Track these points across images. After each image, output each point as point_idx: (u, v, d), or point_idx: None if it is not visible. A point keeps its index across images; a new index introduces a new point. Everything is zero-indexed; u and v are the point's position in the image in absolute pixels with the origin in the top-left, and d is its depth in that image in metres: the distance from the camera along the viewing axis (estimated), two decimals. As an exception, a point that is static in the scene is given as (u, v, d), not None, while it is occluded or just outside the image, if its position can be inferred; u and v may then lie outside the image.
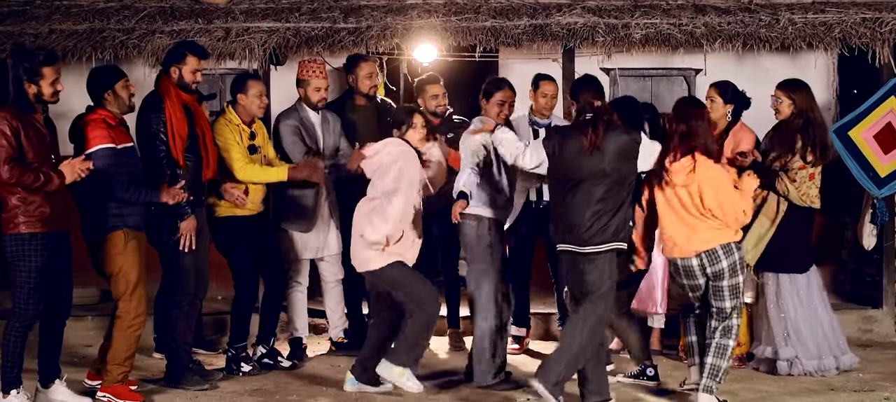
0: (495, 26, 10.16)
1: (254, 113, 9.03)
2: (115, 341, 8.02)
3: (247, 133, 8.97)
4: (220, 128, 8.89)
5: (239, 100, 8.97)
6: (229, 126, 8.90)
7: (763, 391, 8.33)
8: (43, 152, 7.54)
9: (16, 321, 7.61)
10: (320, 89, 9.38)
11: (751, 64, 11.19)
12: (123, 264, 7.94)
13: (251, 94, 8.95)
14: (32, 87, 7.50)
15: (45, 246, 7.51)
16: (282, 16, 10.36)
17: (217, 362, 9.33)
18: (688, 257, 7.72)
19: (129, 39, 10.04)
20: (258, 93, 8.98)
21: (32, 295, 7.55)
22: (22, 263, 7.50)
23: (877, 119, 9.75)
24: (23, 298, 7.55)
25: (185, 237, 8.25)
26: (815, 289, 8.98)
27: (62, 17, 10.42)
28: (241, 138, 8.92)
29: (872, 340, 10.15)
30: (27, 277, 7.50)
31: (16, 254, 7.51)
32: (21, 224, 7.45)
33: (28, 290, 7.53)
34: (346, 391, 8.33)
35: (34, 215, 7.46)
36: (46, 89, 7.54)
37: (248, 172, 8.89)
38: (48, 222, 7.52)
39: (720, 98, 9.08)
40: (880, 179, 9.71)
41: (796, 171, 8.75)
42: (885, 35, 9.93)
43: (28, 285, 7.52)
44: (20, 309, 7.58)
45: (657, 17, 10.22)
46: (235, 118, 8.94)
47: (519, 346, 9.81)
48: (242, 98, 8.96)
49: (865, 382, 8.59)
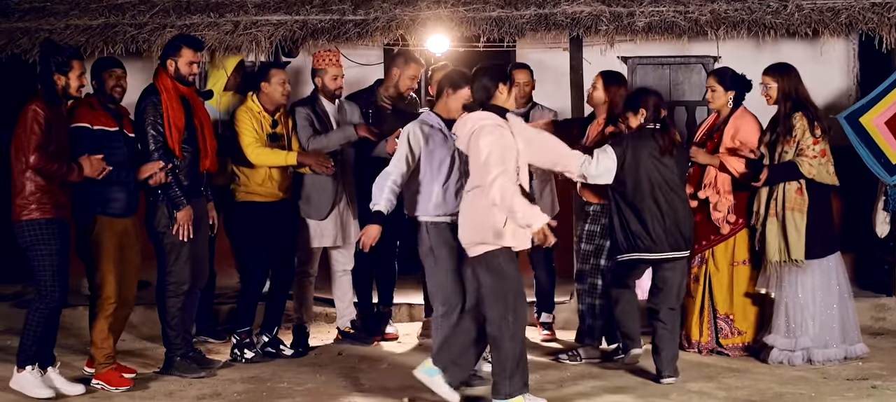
0: (502, 16, 10.18)
1: (277, 101, 9.20)
2: (93, 326, 8.34)
3: (268, 121, 9.16)
4: (240, 114, 9.15)
5: (262, 88, 9.16)
6: (249, 113, 9.12)
7: (752, 380, 8.28)
8: (66, 145, 7.88)
9: (41, 304, 7.90)
10: (337, 78, 9.51)
11: (769, 51, 11.08)
12: (97, 249, 8.23)
13: (274, 82, 9.14)
14: (62, 78, 7.87)
15: (61, 231, 7.83)
16: (293, 8, 10.47)
17: (225, 350, 9.45)
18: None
19: (139, 34, 10.23)
20: (281, 81, 9.17)
21: (57, 277, 7.85)
22: (42, 247, 7.79)
23: (888, 105, 9.68)
24: (48, 281, 7.84)
25: (182, 227, 8.41)
26: (840, 275, 8.90)
27: (80, 13, 10.65)
28: (262, 126, 9.12)
29: (885, 328, 10.04)
30: (49, 260, 7.81)
31: (34, 238, 7.80)
32: (35, 211, 7.75)
33: (52, 272, 7.82)
34: (338, 380, 8.42)
35: (49, 203, 7.78)
36: (74, 82, 7.93)
37: (258, 154, 9.07)
38: (61, 210, 7.86)
39: (720, 86, 9.06)
40: (892, 165, 9.63)
41: (812, 147, 8.67)
42: (892, 20, 9.76)
43: (51, 268, 7.82)
44: (46, 292, 7.86)
45: (664, 5, 10.16)
46: (257, 106, 9.14)
47: (549, 332, 9.93)
48: (266, 86, 9.14)
49: (862, 370, 8.50)
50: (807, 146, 8.65)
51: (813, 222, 8.74)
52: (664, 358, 8.26)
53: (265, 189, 9.15)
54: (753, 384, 8.15)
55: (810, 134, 8.65)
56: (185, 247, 8.50)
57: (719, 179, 8.95)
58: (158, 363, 8.93)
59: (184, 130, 8.45)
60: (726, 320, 9.08)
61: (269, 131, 9.14)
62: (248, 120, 9.09)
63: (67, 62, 7.91)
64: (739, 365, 8.75)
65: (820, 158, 8.69)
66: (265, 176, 9.14)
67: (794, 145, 8.67)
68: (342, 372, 8.71)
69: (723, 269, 9.06)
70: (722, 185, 8.95)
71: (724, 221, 8.95)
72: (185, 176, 8.49)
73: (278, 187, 9.21)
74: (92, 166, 7.93)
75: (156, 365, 8.90)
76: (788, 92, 8.76)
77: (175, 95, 8.45)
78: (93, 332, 8.37)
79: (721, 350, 9.09)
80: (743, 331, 9.07)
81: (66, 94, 7.96)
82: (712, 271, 9.08)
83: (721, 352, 9.08)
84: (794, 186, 8.71)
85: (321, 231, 9.55)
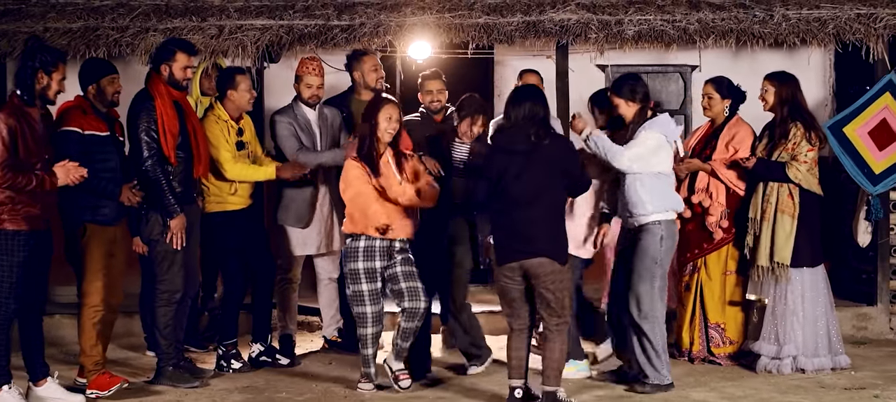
0: (489, 23, 10.14)
1: (243, 108, 9.06)
2: (80, 333, 8.20)
3: (235, 129, 8.99)
4: (210, 125, 8.89)
5: (229, 95, 8.98)
6: (219, 123, 8.92)
7: (752, 389, 8.31)
8: (38, 151, 7.60)
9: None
10: (311, 86, 9.37)
11: (747, 60, 11.18)
12: (85, 256, 8.08)
13: (241, 89, 8.97)
14: (45, 78, 7.60)
15: (27, 243, 7.56)
16: (276, 13, 10.35)
17: (209, 359, 9.32)
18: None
19: (122, 38, 10.05)
20: (247, 87, 9.01)
21: (13, 291, 7.59)
22: (3, 258, 7.54)
23: (871, 115, 9.73)
24: (4, 294, 7.59)
25: (176, 236, 8.26)
26: (824, 285, 8.97)
27: (57, 15, 10.43)
28: (230, 135, 8.93)
29: (867, 337, 10.15)
30: (8, 273, 7.55)
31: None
32: (6, 222, 7.49)
33: (9, 286, 7.58)
34: (336, 389, 8.32)
35: (20, 214, 7.51)
36: (54, 85, 7.66)
37: (237, 170, 8.90)
38: (33, 221, 7.57)
39: (717, 94, 9.12)
40: (875, 175, 9.68)
41: (805, 154, 8.74)
42: (879, 31, 9.87)
43: (9, 281, 7.56)
44: (1, 304, 7.61)
45: (651, 14, 10.19)
46: (224, 114, 8.96)
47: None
48: (232, 94, 8.97)
49: (856, 379, 8.57)
50: (801, 153, 8.72)
51: (803, 230, 8.80)
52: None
53: (237, 197, 9.01)
54: (755, 393, 8.18)
55: (806, 142, 8.73)
56: (178, 255, 8.35)
57: (713, 185, 8.99)
58: (144, 371, 8.81)
59: (178, 135, 8.29)
60: (718, 329, 9.10)
61: (236, 140, 8.99)
62: (220, 132, 8.90)
63: (54, 63, 7.63)
64: (733, 374, 8.78)
65: (810, 166, 8.76)
66: (237, 185, 8.99)
67: (789, 151, 8.73)
68: (338, 381, 8.61)
69: (715, 278, 9.08)
70: (715, 191, 8.98)
71: (716, 226, 8.98)
72: (179, 182, 8.33)
73: (248, 194, 9.10)
74: (67, 173, 7.61)
75: (142, 375, 8.77)
76: (786, 99, 8.84)
77: (169, 101, 8.29)
78: (81, 340, 8.20)
79: (712, 359, 9.11)
80: (734, 340, 9.10)
81: (43, 97, 7.67)
82: (705, 280, 9.10)
83: (712, 361, 9.10)
84: (786, 191, 8.77)
85: (304, 239, 9.44)
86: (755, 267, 8.87)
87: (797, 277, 8.82)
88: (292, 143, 9.26)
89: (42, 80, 7.59)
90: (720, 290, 9.09)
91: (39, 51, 7.68)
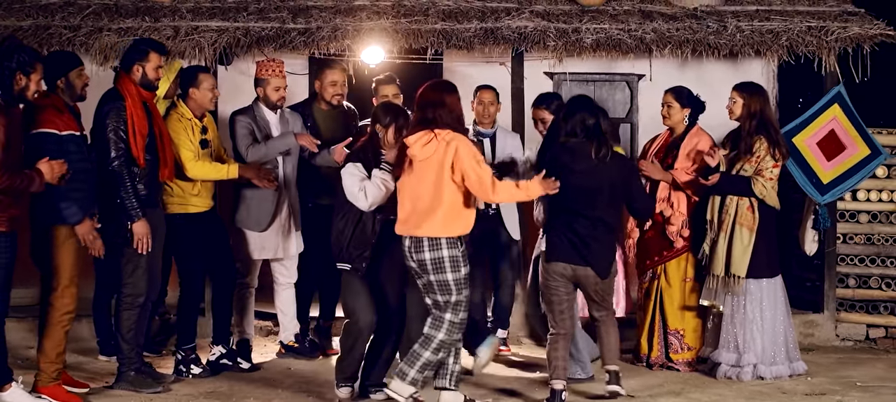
0: (446, 29, 10.14)
1: (206, 106, 8.96)
2: (46, 337, 7.93)
3: (198, 127, 8.89)
4: (173, 123, 8.78)
5: (191, 94, 8.87)
6: (182, 121, 8.81)
7: (717, 395, 8.40)
8: (22, 150, 7.47)
9: None
10: (280, 89, 9.32)
11: (694, 70, 11.31)
12: (60, 259, 7.85)
13: (203, 87, 8.86)
14: (24, 79, 7.38)
15: (12, 245, 7.40)
16: (229, 15, 10.27)
17: (164, 363, 9.18)
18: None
19: (75, 37, 9.88)
20: (210, 86, 8.91)
21: (2, 293, 7.44)
22: None
23: (820, 126, 9.93)
24: None
25: (140, 241, 8.12)
26: (781, 294, 9.10)
27: (5, 13, 10.25)
28: (193, 133, 8.83)
29: (814, 344, 10.32)
30: None
31: None
32: None
33: None
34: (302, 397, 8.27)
35: (6, 215, 7.33)
36: (33, 86, 7.46)
37: (198, 169, 8.78)
38: (13, 223, 7.41)
39: (677, 103, 9.21)
40: (823, 185, 9.87)
41: (770, 170, 8.86)
42: (830, 44, 10.08)
43: None
44: None
45: (606, 23, 10.28)
46: (187, 112, 8.85)
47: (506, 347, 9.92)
48: (195, 92, 8.86)
49: (815, 385, 8.71)
50: (765, 168, 8.83)
51: (762, 242, 8.92)
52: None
53: (200, 199, 8.92)
54: (720, 399, 8.28)
55: (771, 158, 8.83)
56: (142, 259, 8.21)
57: (674, 195, 9.08)
58: (98, 376, 8.67)
59: (147, 136, 8.16)
60: (677, 336, 9.20)
61: (200, 138, 8.90)
62: (184, 131, 8.79)
63: (32, 63, 7.41)
64: (697, 381, 8.87)
65: (774, 183, 8.89)
66: (200, 186, 8.90)
67: (753, 165, 8.84)
68: (302, 388, 8.53)
69: (675, 285, 9.18)
70: (676, 200, 9.07)
71: (677, 235, 9.08)
72: (145, 185, 8.19)
73: (210, 196, 9.02)
74: (52, 171, 7.43)
75: (98, 379, 8.61)
76: (754, 112, 8.92)
77: (139, 101, 8.16)
78: (45, 344, 7.93)
79: (671, 365, 9.20)
80: (692, 346, 9.21)
81: (22, 97, 7.47)
82: (664, 287, 9.19)
83: (671, 367, 9.19)
84: (746, 203, 8.88)
85: (262, 243, 9.36)
86: (710, 275, 8.99)
87: (756, 287, 8.94)
88: (245, 141, 9.20)
89: (20, 81, 7.38)
90: (680, 296, 9.19)
91: (16, 51, 7.43)
